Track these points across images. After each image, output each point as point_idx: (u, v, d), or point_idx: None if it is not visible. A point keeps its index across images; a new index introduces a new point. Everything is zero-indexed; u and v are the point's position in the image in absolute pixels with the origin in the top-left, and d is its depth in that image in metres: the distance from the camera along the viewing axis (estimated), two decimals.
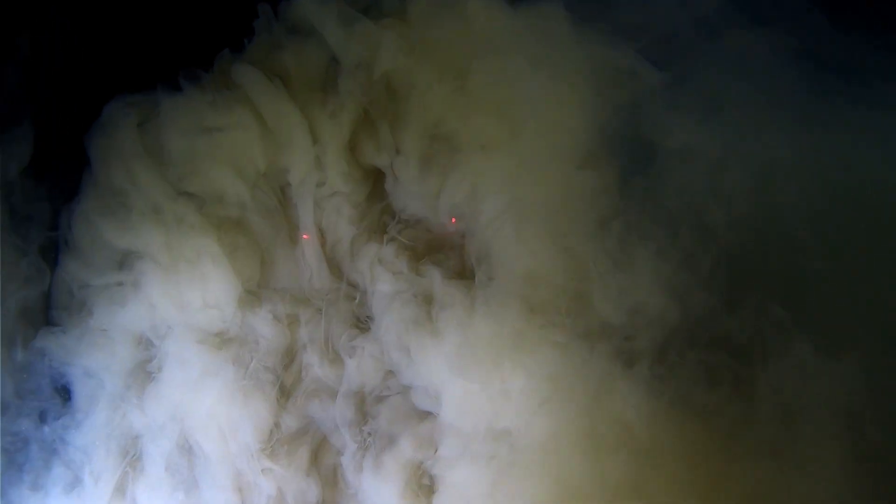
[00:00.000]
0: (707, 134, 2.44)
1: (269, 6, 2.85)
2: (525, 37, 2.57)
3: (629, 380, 2.33)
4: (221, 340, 2.69)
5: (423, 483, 2.53)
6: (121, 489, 2.66)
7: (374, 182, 2.69)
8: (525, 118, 2.51)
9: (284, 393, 2.67)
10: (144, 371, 2.71)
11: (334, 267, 2.70)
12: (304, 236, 2.72)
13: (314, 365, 2.64)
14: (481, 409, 2.39)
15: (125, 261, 2.74)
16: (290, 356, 2.69)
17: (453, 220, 2.61)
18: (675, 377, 2.32)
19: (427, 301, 2.54)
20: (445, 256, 2.59)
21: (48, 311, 2.78)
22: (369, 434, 2.57)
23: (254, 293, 2.71)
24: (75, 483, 2.68)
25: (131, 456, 2.68)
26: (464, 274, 2.57)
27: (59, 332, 2.74)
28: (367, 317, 2.65)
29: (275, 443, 2.63)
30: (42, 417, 2.72)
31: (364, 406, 2.61)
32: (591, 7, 2.65)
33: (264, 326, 2.68)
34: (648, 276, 2.37)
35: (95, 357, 2.71)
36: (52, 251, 2.81)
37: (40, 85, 2.93)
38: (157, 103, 2.78)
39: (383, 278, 2.60)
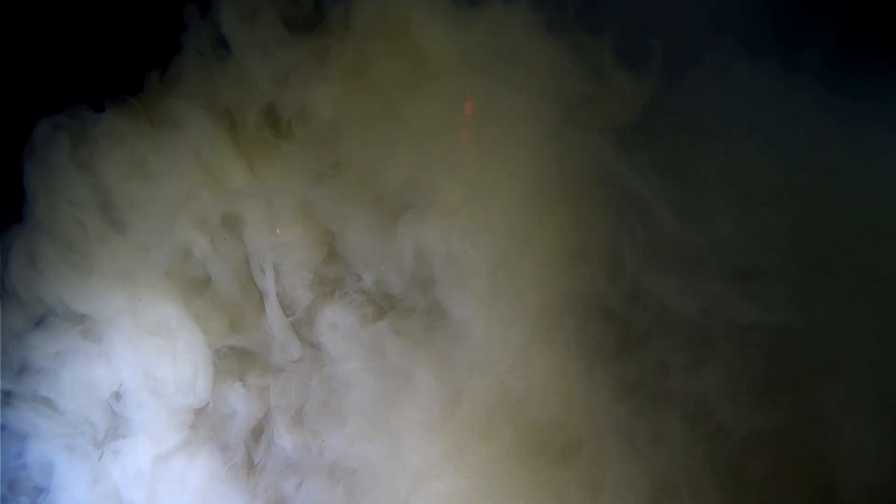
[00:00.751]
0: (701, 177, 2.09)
1: (196, 9, 2.48)
2: (481, 52, 2.22)
3: None
4: (193, 415, 2.49)
5: None
6: None
7: (332, 241, 2.39)
8: (484, 159, 2.18)
9: (254, 472, 2.46)
10: (109, 447, 2.51)
11: (300, 333, 2.45)
12: (277, 230, 2.45)
13: (286, 444, 2.42)
14: None
15: (80, 324, 2.50)
16: (260, 431, 2.48)
17: None
18: None
19: (386, 375, 2.30)
20: (407, 323, 2.31)
21: None
22: None
23: (224, 360, 2.48)
24: None
25: None
26: (428, 341, 2.29)
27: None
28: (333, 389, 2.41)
29: None
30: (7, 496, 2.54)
31: (337, 484, 2.38)
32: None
33: (235, 399, 2.47)
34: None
35: (56, 432, 2.50)
36: None
37: None
38: (89, 129, 2.50)
39: (341, 350, 2.35)
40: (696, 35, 2.26)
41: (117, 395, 2.50)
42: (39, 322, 2.53)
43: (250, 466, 2.47)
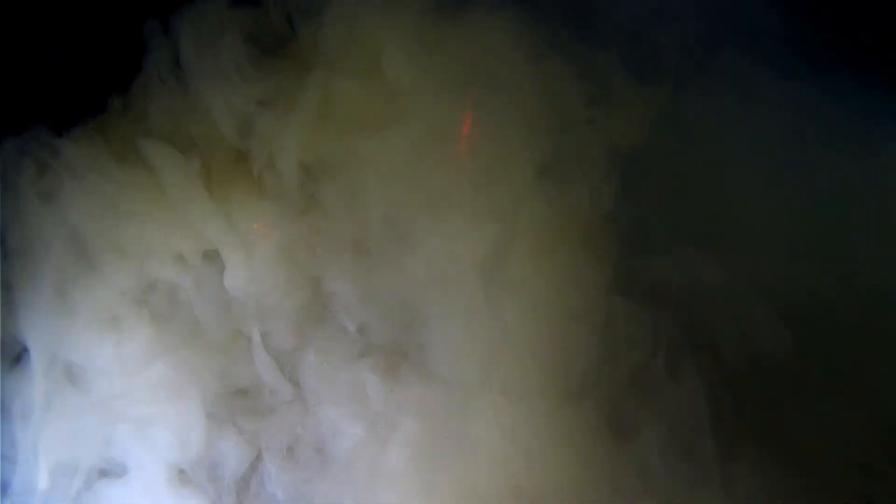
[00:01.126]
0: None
1: (157, 25, 2.25)
2: (462, 75, 1.98)
3: None
4: (185, 462, 2.36)
5: None
6: None
7: (315, 284, 2.23)
8: (469, 198, 1.97)
9: None
10: (97, 494, 2.38)
11: (289, 375, 2.31)
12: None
13: (276, 489, 2.31)
14: None
15: (62, 368, 2.35)
16: (250, 474, 2.36)
17: None
18: None
19: (369, 420, 2.17)
20: (391, 367, 2.15)
21: None
22: None
23: (214, 404, 2.35)
24: None
25: None
26: (413, 387, 2.13)
27: None
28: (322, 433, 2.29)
29: None
30: None
31: None
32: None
33: (227, 444, 2.35)
34: None
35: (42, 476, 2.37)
36: None
37: None
38: (49, 157, 2.31)
39: (325, 393, 2.22)
40: (709, 46, 2.02)
41: (105, 444, 2.37)
42: (17, 362, 2.38)
43: None
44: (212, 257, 2.25)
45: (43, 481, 2.38)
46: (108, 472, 2.38)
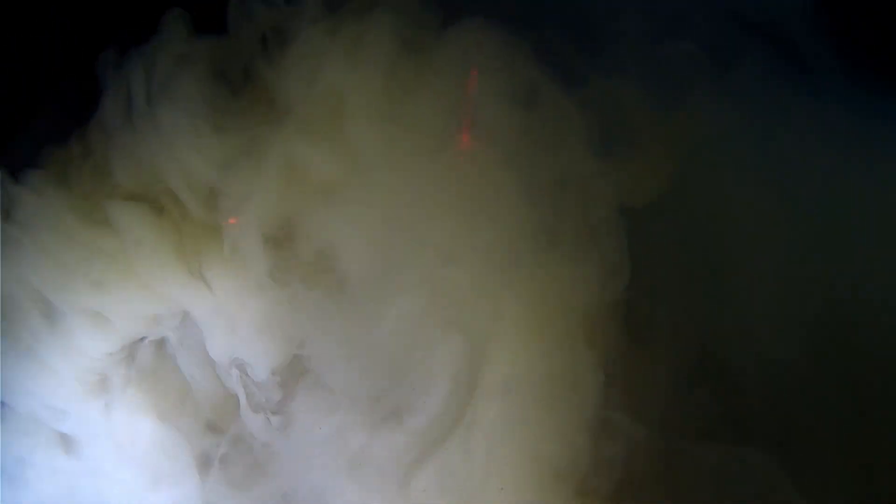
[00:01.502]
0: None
1: (112, 57, 2.01)
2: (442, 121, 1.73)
3: None
4: None
5: None
6: None
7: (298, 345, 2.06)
8: (452, 263, 1.76)
9: None
10: None
11: (279, 428, 2.18)
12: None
13: None
14: None
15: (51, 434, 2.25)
16: None
17: None
18: None
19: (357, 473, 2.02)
20: (376, 420, 2.00)
21: None
22: None
23: (206, 462, 2.25)
24: None
25: None
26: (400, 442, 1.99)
27: None
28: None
29: None
30: None
31: None
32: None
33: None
34: None
35: None
36: None
37: None
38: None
39: (311, 447, 2.08)
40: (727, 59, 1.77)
41: None
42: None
43: None
44: (190, 325, 2.11)
45: None
46: None
